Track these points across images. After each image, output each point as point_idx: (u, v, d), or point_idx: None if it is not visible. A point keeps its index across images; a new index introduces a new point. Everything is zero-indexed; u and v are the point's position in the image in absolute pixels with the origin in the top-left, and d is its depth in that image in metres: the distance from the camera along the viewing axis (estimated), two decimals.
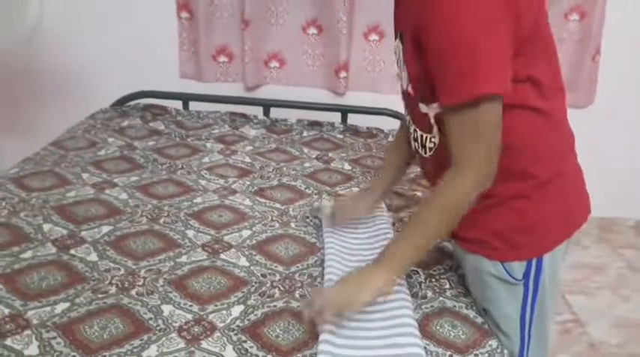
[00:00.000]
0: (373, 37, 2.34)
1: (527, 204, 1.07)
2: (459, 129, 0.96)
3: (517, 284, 1.10)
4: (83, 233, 1.36)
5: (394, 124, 2.18)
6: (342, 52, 2.30)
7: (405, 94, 1.13)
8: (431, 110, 1.03)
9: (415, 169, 1.84)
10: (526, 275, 1.10)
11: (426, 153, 1.12)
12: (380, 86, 2.40)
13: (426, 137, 1.10)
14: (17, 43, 1.64)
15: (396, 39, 1.11)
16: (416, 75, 1.02)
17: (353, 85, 2.40)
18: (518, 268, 1.10)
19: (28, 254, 1.26)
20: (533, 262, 1.09)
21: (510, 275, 1.10)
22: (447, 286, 1.25)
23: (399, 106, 2.23)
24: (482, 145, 0.96)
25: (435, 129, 1.06)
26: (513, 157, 1.02)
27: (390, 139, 2.10)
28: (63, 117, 2.15)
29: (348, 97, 2.42)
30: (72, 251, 1.29)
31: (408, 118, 1.18)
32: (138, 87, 2.23)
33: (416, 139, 1.15)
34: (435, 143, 1.08)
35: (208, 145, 1.95)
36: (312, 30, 2.33)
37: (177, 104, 2.23)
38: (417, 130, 1.12)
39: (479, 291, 1.18)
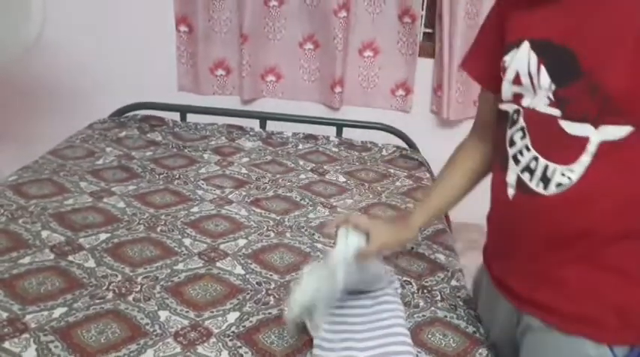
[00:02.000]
0: (368, 53, 2.39)
1: None
2: None
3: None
4: (81, 240, 1.38)
5: (387, 138, 2.23)
6: (338, 67, 2.35)
7: (529, 114, 0.91)
8: (614, 134, 0.82)
9: (408, 182, 1.88)
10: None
11: (545, 189, 0.89)
12: (374, 101, 2.45)
13: (556, 169, 0.87)
14: (19, 54, 1.66)
15: (512, 49, 0.93)
16: (623, 87, 0.80)
17: (347, 100, 2.45)
18: (622, 351, 0.90)
19: (26, 260, 1.28)
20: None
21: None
22: (439, 297, 1.28)
23: (393, 121, 2.29)
24: None
25: (586, 160, 0.84)
26: None
27: (384, 152, 2.14)
28: (62, 127, 2.17)
29: (342, 112, 2.46)
30: (70, 257, 1.30)
31: (521, 142, 0.93)
32: (136, 99, 2.26)
33: (531, 170, 0.91)
34: (570, 179, 0.86)
35: (205, 156, 1.97)
36: (309, 46, 2.38)
37: (175, 116, 2.26)
38: (541, 157, 0.89)
39: None
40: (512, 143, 0.95)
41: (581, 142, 0.84)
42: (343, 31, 2.30)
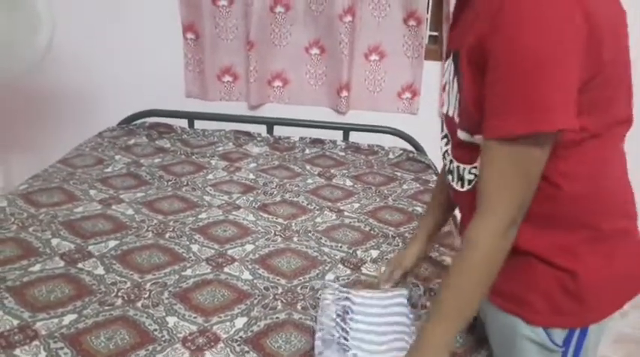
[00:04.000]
0: (374, 57, 2.39)
1: (584, 261, 0.92)
2: (499, 166, 0.83)
3: (557, 351, 0.96)
4: (90, 247, 1.39)
5: (394, 142, 2.23)
6: (344, 72, 2.35)
7: (447, 120, 1.02)
8: (477, 140, 0.91)
9: (415, 185, 1.88)
10: (567, 341, 0.96)
11: (462, 186, 0.99)
12: (380, 105, 2.45)
13: (464, 168, 0.98)
14: (29, 66, 1.69)
15: (446, 59, 1.02)
16: (469, 99, 0.89)
17: (354, 104, 2.45)
18: (560, 333, 0.95)
19: (36, 267, 1.30)
20: (577, 330, 0.95)
21: (552, 341, 0.95)
22: None
23: (400, 124, 2.29)
24: (520, 190, 0.84)
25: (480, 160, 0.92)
26: (576, 202, 0.90)
27: (391, 156, 2.14)
28: (71, 135, 2.20)
29: (349, 116, 2.46)
30: (79, 265, 1.32)
31: (445, 147, 1.05)
32: (144, 106, 2.28)
33: (452, 171, 1.02)
34: (475, 175, 0.95)
35: (213, 162, 1.99)
36: (315, 51, 2.39)
37: (183, 123, 2.28)
38: (455, 160, 1.00)
39: (506, 353, 1.02)
40: (441, 148, 1.08)
41: (474, 145, 0.92)
42: (349, 36, 2.30)
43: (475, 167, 0.94)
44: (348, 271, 1.37)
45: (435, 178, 1.99)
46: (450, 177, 1.04)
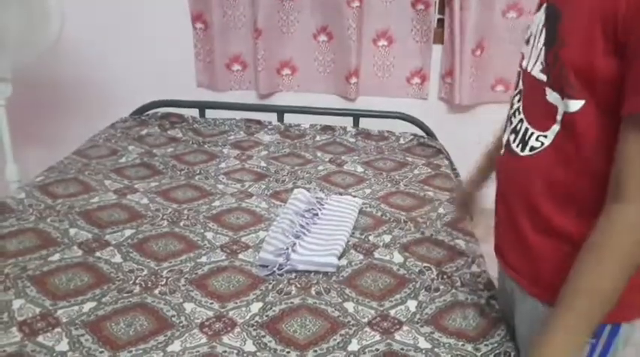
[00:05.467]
0: (382, 42, 2.39)
1: None
2: None
3: (586, 341, 0.89)
4: (107, 237, 1.42)
5: (405, 127, 2.23)
6: (353, 58, 2.35)
7: (525, 76, 0.94)
8: (570, 106, 0.83)
9: (426, 170, 1.88)
10: (597, 335, 0.91)
11: (522, 151, 0.92)
12: (389, 90, 2.44)
13: (533, 133, 0.90)
14: (40, 55, 1.71)
15: (537, 11, 0.94)
16: (577, 56, 0.80)
17: (363, 90, 2.45)
18: None
19: (55, 257, 1.32)
20: (608, 325, 0.91)
21: None
22: (459, 283, 1.29)
23: (409, 109, 2.29)
24: None
25: (556, 129, 0.86)
26: None
27: (402, 141, 2.15)
28: (84, 126, 2.21)
29: (359, 102, 2.46)
30: (97, 254, 1.35)
31: (517, 104, 0.96)
32: (156, 96, 2.30)
33: (517, 131, 0.94)
34: (542, 144, 0.88)
35: (225, 150, 2.00)
36: (323, 37, 2.39)
37: (194, 112, 2.30)
38: (525, 120, 0.92)
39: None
40: (511, 104, 0.98)
41: (555, 111, 0.85)
42: (357, 21, 2.30)
43: (545, 136, 0.87)
44: (361, 256, 1.38)
45: (446, 162, 1.99)
46: (512, 136, 0.95)
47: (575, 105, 0.81)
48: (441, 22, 2.39)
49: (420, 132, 2.22)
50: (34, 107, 2.48)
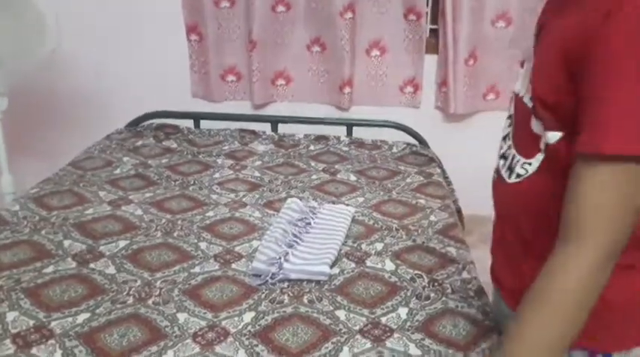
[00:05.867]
0: (375, 52, 2.41)
1: (613, 285, 0.77)
2: (605, 188, 0.72)
3: None
4: (101, 248, 1.43)
5: (398, 136, 2.25)
6: (346, 68, 2.38)
7: (516, 100, 0.92)
8: (549, 138, 0.81)
9: (418, 178, 1.90)
10: None
11: (509, 177, 0.91)
12: (383, 99, 2.47)
13: (519, 160, 0.89)
14: (36, 66, 1.73)
15: (537, 26, 0.93)
16: (546, 90, 0.81)
17: (357, 100, 2.47)
18: (580, 355, 0.88)
19: (50, 269, 1.33)
20: (599, 355, 0.88)
21: None
22: (450, 290, 1.30)
23: (402, 118, 2.31)
24: (628, 217, 0.73)
25: (540, 157, 0.84)
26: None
27: (394, 150, 2.16)
28: (80, 138, 2.23)
29: (352, 111, 2.48)
30: (91, 265, 1.36)
31: (507, 129, 0.95)
32: (151, 108, 2.32)
33: (505, 157, 0.93)
34: (526, 171, 0.87)
35: (219, 161, 2.02)
36: (316, 48, 2.41)
37: (189, 123, 2.31)
38: (513, 147, 0.91)
39: None
40: (504, 129, 0.97)
41: (539, 139, 0.84)
42: (350, 32, 2.32)
43: (530, 163, 0.86)
44: (353, 264, 1.39)
45: (438, 170, 2.01)
46: (501, 161, 0.94)
47: (554, 137, 0.81)
48: (433, 32, 2.42)
49: (412, 140, 2.24)
50: (29, 118, 2.49)
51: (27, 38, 1.70)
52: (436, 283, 1.31)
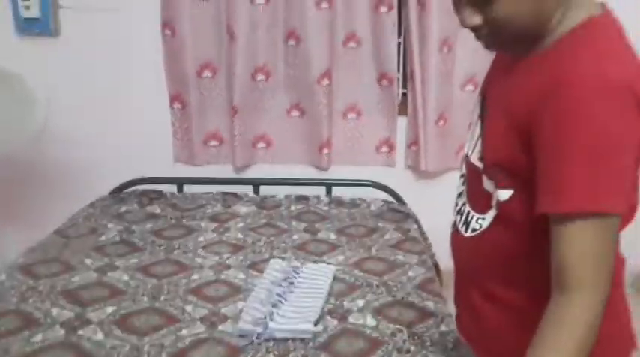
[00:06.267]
0: (351, 115, 2.54)
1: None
2: (582, 240, 0.78)
3: None
4: (89, 314, 1.46)
5: (376, 194, 2.34)
6: (324, 130, 2.48)
7: (467, 161, 1.00)
8: (500, 196, 0.89)
9: (396, 235, 1.97)
10: None
11: (465, 231, 0.99)
12: (360, 159, 2.57)
13: (473, 216, 0.97)
14: (28, 140, 1.80)
15: (480, 94, 1.02)
16: (499, 154, 0.88)
17: (335, 160, 2.57)
18: None
19: (38, 337, 1.36)
20: None
21: None
22: (429, 342, 1.35)
23: (379, 177, 2.41)
24: (606, 264, 0.80)
25: (492, 213, 0.92)
26: None
27: (372, 207, 2.25)
28: (64, 206, 2.27)
29: (331, 171, 2.58)
30: (79, 332, 1.38)
31: (461, 187, 1.03)
32: (135, 174, 2.38)
33: (461, 213, 1.01)
34: (481, 226, 0.95)
35: (202, 224, 2.07)
36: (295, 113, 2.53)
37: (172, 188, 2.38)
38: (467, 204, 1.00)
39: None
40: (458, 187, 1.05)
41: (490, 197, 0.92)
42: (327, 97, 2.45)
43: (483, 218, 0.94)
44: (336, 321, 1.44)
45: (415, 226, 2.09)
46: (457, 218, 1.02)
47: (505, 194, 0.88)
48: (405, 95, 2.56)
49: (390, 198, 2.33)
50: (12, 186, 2.52)
51: (17, 111, 1.77)
52: (416, 337, 1.37)
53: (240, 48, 2.38)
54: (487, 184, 0.92)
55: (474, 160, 0.96)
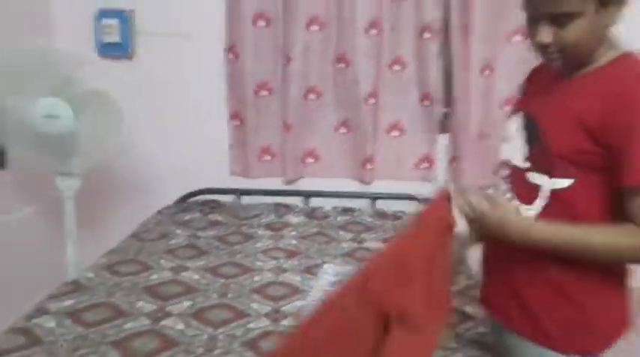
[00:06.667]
0: (394, 133, 2.72)
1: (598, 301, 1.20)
2: None
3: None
4: (169, 307, 1.68)
5: (416, 207, 2.50)
6: (369, 147, 2.68)
7: (511, 167, 1.27)
8: (558, 184, 1.15)
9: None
10: None
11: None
12: (401, 174, 2.75)
13: (523, 207, 1.21)
14: (112, 156, 2.05)
15: (513, 115, 1.29)
16: (564, 147, 1.13)
17: (378, 175, 2.75)
18: None
19: (128, 325, 1.57)
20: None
21: None
22: (467, 342, 1.52)
23: (419, 191, 2.57)
24: None
25: (542, 202, 1.18)
26: None
27: None
28: (132, 214, 2.50)
29: (374, 185, 2.76)
30: (162, 322, 1.60)
31: (505, 186, 1.29)
32: (193, 185, 2.61)
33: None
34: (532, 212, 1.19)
35: (259, 232, 2.29)
36: (343, 130, 2.73)
37: (230, 198, 2.60)
38: (516, 198, 1.24)
39: None
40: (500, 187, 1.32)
41: (538, 188, 1.18)
42: (372, 116, 2.65)
43: (531, 210, 1.19)
44: None
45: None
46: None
47: (564, 182, 1.14)
48: (446, 114, 2.73)
49: None
50: (89, 197, 2.77)
51: (106, 130, 2.02)
52: (457, 336, 1.53)
53: (294, 70, 2.60)
54: (534, 178, 1.18)
55: (517, 162, 1.23)
